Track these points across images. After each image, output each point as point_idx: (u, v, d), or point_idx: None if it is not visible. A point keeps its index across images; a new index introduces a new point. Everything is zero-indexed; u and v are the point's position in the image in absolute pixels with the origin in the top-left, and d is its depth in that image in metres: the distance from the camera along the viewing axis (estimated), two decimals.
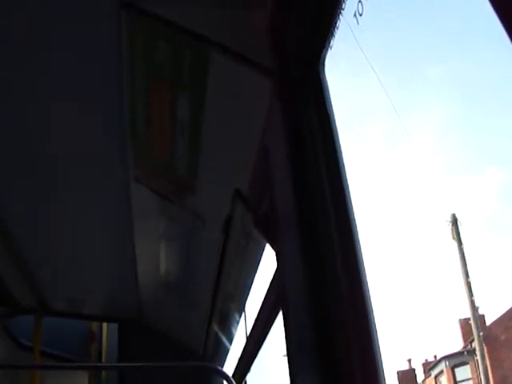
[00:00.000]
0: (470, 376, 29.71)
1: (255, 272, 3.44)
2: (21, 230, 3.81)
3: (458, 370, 31.20)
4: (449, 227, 23.88)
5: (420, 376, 38.59)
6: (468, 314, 23.96)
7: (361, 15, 2.06)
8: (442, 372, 32.76)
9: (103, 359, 5.97)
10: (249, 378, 3.84)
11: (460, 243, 23.61)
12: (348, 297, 1.71)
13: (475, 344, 24.32)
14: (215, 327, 4.43)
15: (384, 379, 1.57)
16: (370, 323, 1.62)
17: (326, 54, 1.95)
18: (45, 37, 2.39)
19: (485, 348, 24.17)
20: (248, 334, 3.59)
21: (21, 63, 2.53)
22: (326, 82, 1.99)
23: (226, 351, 4.82)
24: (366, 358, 1.62)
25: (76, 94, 2.72)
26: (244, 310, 3.97)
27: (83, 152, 3.13)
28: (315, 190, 1.88)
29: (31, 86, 2.67)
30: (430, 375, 35.07)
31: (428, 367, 36.02)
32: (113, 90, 2.66)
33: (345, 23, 1.88)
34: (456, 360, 31.35)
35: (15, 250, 3.99)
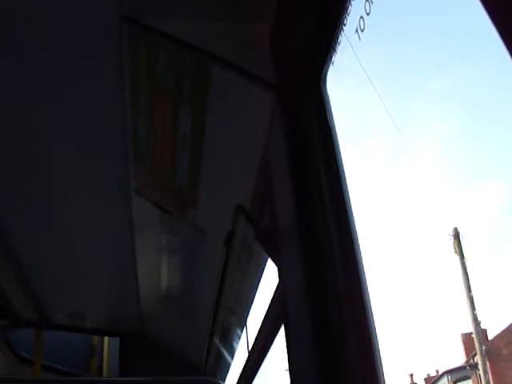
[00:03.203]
0: None
1: (257, 286, 3.43)
2: (22, 243, 3.81)
3: None
4: (451, 241, 23.84)
5: None
6: (470, 328, 23.87)
7: (362, 31, 2.07)
8: None
9: (104, 373, 5.95)
10: None
11: (462, 257, 23.55)
12: (350, 311, 1.70)
13: (477, 358, 24.21)
14: (217, 341, 4.42)
15: None
16: (372, 337, 1.62)
17: (327, 68, 1.96)
18: (45, 50, 2.40)
19: (487, 362, 24.05)
20: (250, 348, 3.58)
21: (22, 73, 2.54)
22: (328, 96, 2.00)
23: (228, 366, 4.80)
24: (367, 373, 1.61)
25: (77, 108, 2.73)
26: (246, 324, 3.95)
27: (85, 164, 3.13)
28: (317, 204, 1.88)
29: (31, 98, 2.68)
30: None
31: (430, 382, 35.83)
32: (114, 103, 2.67)
33: (346, 36, 1.89)
34: (458, 374, 31.18)
35: (16, 263, 3.99)
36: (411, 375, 40.61)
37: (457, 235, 23.76)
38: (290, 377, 1.98)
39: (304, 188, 1.95)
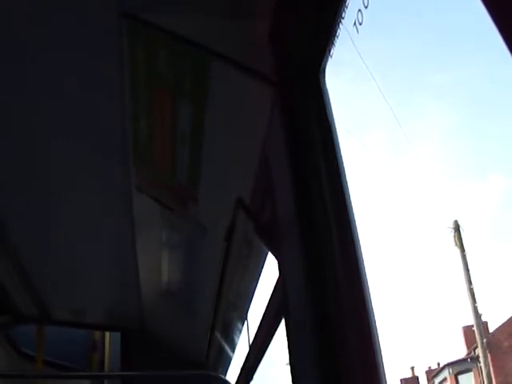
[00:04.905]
0: (473, 383, 29.59)
1: (257, 280, 3.44)
2: (23, 240, 3.82)
3: (461, 377, 31.08)
4: (451, 234, 23.84)
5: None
6: (471, 320, 23.90)
7: (360, 24, 2.07)
8: (445, 379, 32.62)
9: (105, 368, 5.95)
10: None
11: (462, 250, 23.56)
12: (350, 304, 1.71)
13: (479, 351, 24.25)
14: (218, 336, 4.42)
15: None
16: (372, 330, 1.62)
17: (326, 62, 1.96)
18: (45, 49, 2.40)
19: (488, 355, 24.09)
20: (250, 342, 3.59)
21: (21, 72, 2.54)
22: (327, 90, 2.00)
23: (229, 360, 4.81)
24: (368, 366, 1.62)
25: (77, 104, 2.73)
26: (246, 319, 3.96)
27: (85, 162, 3.13)
28: (316, 198, 1.88)
29: (31, 97, 2.68)
30: (433, 383, 34.93)
31: (431, 375, 35.88)
32: (114, 100, 2.67)
33: (347, 32, 1.89)
34: (459, 367, 31.22)
35: (18, 260, 3.99)
36: (412, 368, 40.72)
37: (457, 228, 23.77)
38: (291, 370, 1.99)
39: (304, 182, 1.96)
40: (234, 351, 4.63)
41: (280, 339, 2.70)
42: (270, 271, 2.90)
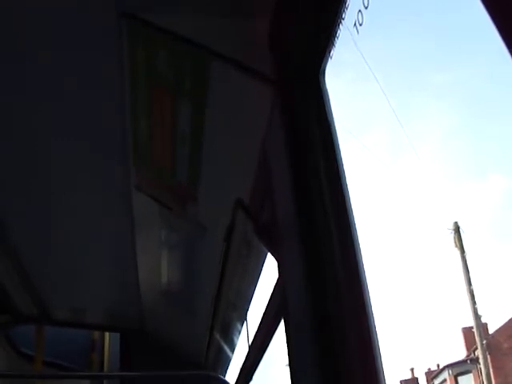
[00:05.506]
0: None
1: (257, 281, 3.44)
2: (23, 240, 3.82)
3: (461, 379, 31.10)
4: (451, 235, 23.85)
5: None
6: (471, 322, 23.90)
7: (361, 25, 2.07)
8: (445, 381, 32.64)
9: (105, 368, 5.95)
10: None
11: (462, 251, 23.57)
12: (349, 305, 1.71)
13: (478, 352, 24.25)
14: (217, 336, 4.42)
15: None
16: (372, 331, 1.62)
17: (326, 63, 1.96)
18: (45, 49, 2.40)
19: (488, 356, 24.09)
20: (250, 342, 3.59)
21: (21, 72, 2.54)
22: (327, 90, 2.00)
23: (228, 360, 4.81)
24: (367, 367, 1.62)
25: (77, 104, 2.73)
26: (246, 319, 3.96)
27: (85, 161, 3.13)
28: (316, 198, 1.88)
29: (31, 97, 2.68)
30: None
31: (431, 376, 35.90)
32: (114, 99, 2.67)
33: (348, 32, 1.89)
34: (459, 368, 31.25)
35: (16, 259, 3.99)
36: (412, 369, 40.72)
37: (457, 229, 23.78)
38: (291, 371, 1.98)
39: (303, 183, 1.96)
40: (233, 351, 4.63)
41: (279, 340, 2.70)
42: (270, 271, 2.90)
